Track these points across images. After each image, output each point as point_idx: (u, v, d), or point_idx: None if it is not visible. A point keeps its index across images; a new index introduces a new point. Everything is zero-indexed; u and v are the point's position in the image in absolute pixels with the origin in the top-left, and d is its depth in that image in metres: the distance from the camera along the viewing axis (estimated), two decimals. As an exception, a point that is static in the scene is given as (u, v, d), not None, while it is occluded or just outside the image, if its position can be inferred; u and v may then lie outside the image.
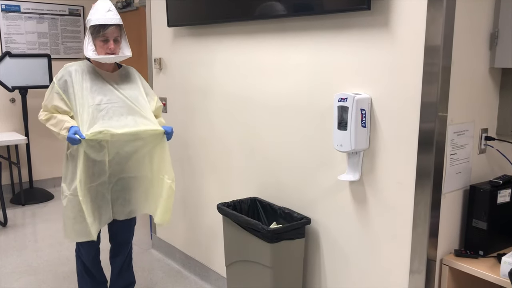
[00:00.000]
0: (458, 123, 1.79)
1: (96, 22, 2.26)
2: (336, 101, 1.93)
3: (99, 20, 2.26)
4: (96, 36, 2.29)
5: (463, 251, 1.84)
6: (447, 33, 1.67)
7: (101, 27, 2.27)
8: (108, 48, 2.31)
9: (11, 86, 4.61)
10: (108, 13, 2.28)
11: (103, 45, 2.30)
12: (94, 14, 2.29)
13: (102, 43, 2.30)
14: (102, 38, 2.29)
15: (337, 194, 2.12)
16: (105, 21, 2.27)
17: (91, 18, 2.30)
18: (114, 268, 2.74)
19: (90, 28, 2.30)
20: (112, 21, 2.29)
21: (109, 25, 2.28)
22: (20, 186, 4.73)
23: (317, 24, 2.11)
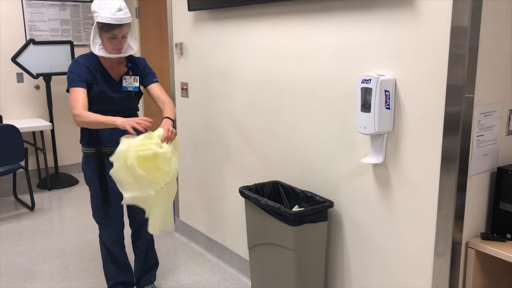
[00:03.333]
0: (485, 104, 1.75)
1: (105, 21, 2.21)
2: (359, 82, 1.91)
3: (108, 19, 2.21)
4: (104, 32, 2.25)
5: (489, 234, 1.81)
6: (474, 11, 1.63)
7: (110, 26, 2.23)
8: (116, 45, 2.29)
9: (35, 73, 4.68)
10: (118, 13, 2.23)
11: (111, 42, 2.28)
12: (102, 10, 2.22)
13: (109, 40, 2.27)
14: (110, 36, 2.26)
15: (360, 177, 2.10)
16: (115, 21, 2.22)
17: (99, 14, 2.22)
18: (138, 252, 2.77)
19: (98, 23, 2.25)
20: (122, 21, 2.25)
21: (121, 25, 2.25)
22: (46, 171, 4.83)
23: (340, 4, 2.07)
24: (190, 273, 3.06)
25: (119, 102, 2.43)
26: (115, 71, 2.42)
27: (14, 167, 4.05)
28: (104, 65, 2.39)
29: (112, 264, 2.65)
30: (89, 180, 2.50)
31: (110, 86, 2.39)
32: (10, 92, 4.89)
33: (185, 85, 3.29)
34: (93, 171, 2.46)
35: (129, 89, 2.45)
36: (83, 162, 2.53)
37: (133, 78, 2.45)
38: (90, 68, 2.33)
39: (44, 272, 3.09)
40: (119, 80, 2.43)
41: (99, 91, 2.35)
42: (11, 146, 3.90)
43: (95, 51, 2.28)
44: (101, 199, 2.47)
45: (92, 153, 2.45)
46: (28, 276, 3.04)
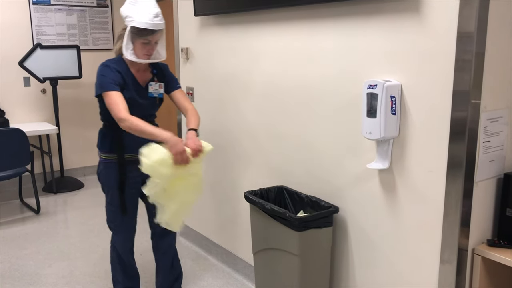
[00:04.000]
0: (492, 110, 1.75)
1: (141, 26, 2.17)
2: (365, 88, 1.90)
3: (145, 24, 2.17)
4: (138, 37, 2.22)
5: (496, 241, 1.80)
6: (481, 17, 1.62)
7: (146, 31, 2.20)
8: (148, 51, 2.27)
9: (42, 77, 4.71)
10: (155, 19, 2.20)
11: (144, 47, 2.25)
12: (139, 15, 2.18)
13: (143, 45, 2.24)
14: (145, 41, 2.23)
15: (365, 182, 2.10)
16: (152, 26, 2.19)
17: (133, 19, 2.18)
18: (163, 262, 2.66)
19: (132, 28, 2.20)
20: (159, 26, 2.23)
21: (156, 31, 2.23)
22: (52, 175, 4.85)
23: (346, 10, 2.08)
24: (195, 277, 3.06)
25: (144, 108, 2.39)
26: (141, 77, 2.38)
27: (20, 170, 4.07)
28: (132, 70, 2.35)
29: (121, 270, 2.61)
30: (107, 187, 2.44)
31: (138, 92, 2.35)
32: (17, 96, 4.93)
33: (191, 90, 3.29)
34: (113, 178, 2.39)
35: (154, 96, 2.41)
36: (101, 169, 2.44)
37: (158, 85, 2.41)
38: (121, 73, 2.28)
39: (49, 275, 3.09)
40: (145, 86, 2.39)
41: (129, 96, 2.29)
42: (18, 150, 3.92)
43: (128, 56, 2.24)
44: (119, 206, 2.43)
45: (113, 159, 2.37)
46: (33, 279, 3.04)
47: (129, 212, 2.47)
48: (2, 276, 3.08)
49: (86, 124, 5.42)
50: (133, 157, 2.34)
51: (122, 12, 2.25)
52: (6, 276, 3.08)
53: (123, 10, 2.25)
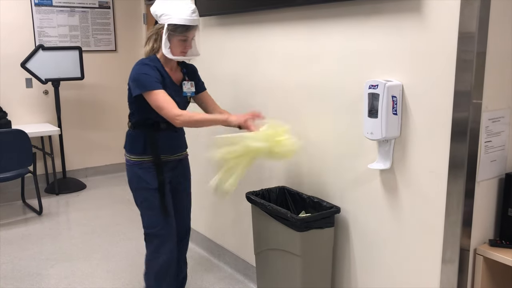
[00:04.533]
0: (493, 109, 1.75)
1: (181, 22, 2.15)
2: (366, 88, 1.91)
3: (184, 20, 2.16)
4: (177, 34, 2.19)
5: (498, 241, 1.80)
6: (482, 17, 1.62)
7: (185, 28, 2.18)
8: (185, 48, 2.24)
9: (44, 79, 4.72)
10: (193, 14, 2.19)
11: (181, 44, 2.22)
12: (177, 12, 2.16)
13: (180, 42, 2.21)
14: (183, 38, 2.20)
15: (367, 182, 2.10)
16: (191, 22, 2.18)
17: (171, 16, 2.16)
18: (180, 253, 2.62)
19: (170, 26, 2.17)
20: (197, 22, 2.22)
21: (193, 27, 2.21)
22: (54, 176, 4.86)
23: (347, 10, 2.08)
24: (197, 278, 3.06)
25: (180, 106, 2.31)
26: (174, 76, 2.35)
27: (23, 171, 4.07)
28: (166, 69, 2.31)
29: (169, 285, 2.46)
30: (144, 190, 2.35)
31: (175, 91, 2.31)
32: (19, 97, 4.94)
33: (192, 91, 3.30)
34: (151, 180, 2.32)
35: (188, 95, 2.40)
36: (135, 171, 2.34)
37: (190, 83, 2.40)
38: (160, 72, 2.24)
39: (52, 276, 3.10)
40: (179, 85, 2.37)
41: (169, 94, 2.22)
42: (20, 151, 3.93)
43: (167, 54, 2.20)
44: (159, 208, 2.34)
45: (149, 160, 2.32)
46: (35, 280, 3.05)
47: (170, 213, 2.40)
48: (5, 276, 3.09)
49: (88, 125, 5.43)
50: (168, 159, 2.38)
51: (156, 11, 2.21)
52: (9, 276, 3.09)
53: (156, 8, 2.21)
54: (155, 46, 2.30)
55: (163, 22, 2.19)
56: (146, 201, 2.36)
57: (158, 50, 2.30)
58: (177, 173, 2.48)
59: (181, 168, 2.51)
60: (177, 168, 2.48)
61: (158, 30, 2.26)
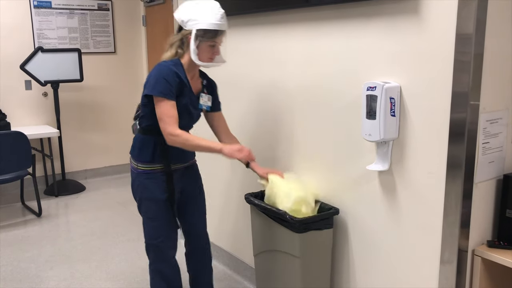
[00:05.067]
0: (491, 111, 1.75)
1: (211, 27, 2.08)
2: (364, 89, 1.91)
3: (214, 25, 2.09)
4: (206, 40, 2.11)
5: (496, 242, 1.80)
6: (479, 18, 1.63)
7: (214, 33, 2.11)
8: (213, 54, 2.18)
9: (43, 81, 4.73)
10: (222, 19, 2.12)
11: (209, 50, 2.15)
12: (205, 17, 2.09)
13: (209, 48, 2.14)
14: (212, 43, 2.14)
15: (365, 184, 2.10)
16: (221, 27, 2.12)
17: (198, 21, 2.09)
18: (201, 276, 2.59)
19: (199, 31, 2.09)
20: (225, 27, 2.16)
21: (222, 32, 2.15)
22: (53, 178, 4.86)
23: (345, 12, 2.08)
24: (196, 280, 3.06)
25: (193, 118, 2.30)
26: (194, 85, 2.27)
27: (22, 173, 4.08)
28: (188, 77, 2.22)
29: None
30: (149, 200, 2.26)
31: (192, 100, 2.24)
32: (18, 99, 4.94)
33: (191, 92, 3.30)
34: (159, 190, 2.24)
35: (203, 107, 2.32)
36: (141, 180, 2.26)
37: (207, 97, 2.33)
38: (181, 78, 2.15)
39: (51, 278, 3.10)
40: (197, 95, 2.29)
41: (184, 103, 2.18)
42: (19, 153, 3.93)
43: (196, 61, 2.13)
44: (163, 220, 2.28)
45: (158, 169, 2.23)
46: (34, 282, 3.05)
47: (173, 226, 2.34)
48: (4, 279, 3.09)
49: (88, 127, 5.43)
50: (178, 167, 2.30)
51: (182, 17, 2.14)
52: (8, 279, 3.09)
53: (182, 14, 2.15)
54: (178, 52, 2.20)
55: (190, 28, 2.11)
56: (151, 212, 2.28)
57: (182, 57, 2.21)
58: (187, 179, 2.40)
59: (189, 175, 2.41)
60: (186, 175, 2.38)
61: (183, 36, 2.17)
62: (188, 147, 2.13)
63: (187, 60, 2.18)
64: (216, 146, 2.14)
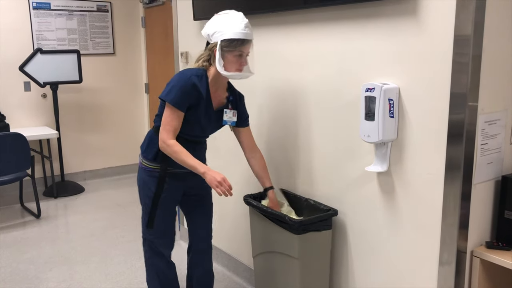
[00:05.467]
0: (490, 112, 1.76)
1: (236, 36, 2.07)
2: (363, 91, 1.91)
3: (239, 34, 2.07)
4: (231, 50, 2.09)
5: (494, 243, 1.80)
6: (477, 20, 1.63)
7: (239, 42, 2.08)
8: (241, 64, 2.14)
9: (42, 82, 4.72)
10: (246, 29, 2.10)
11: (236, 60, 2.12)
12: (229, 27, 2.08)
13: (236, 58, 2.11)
14: (238, 53, 2.11)
15: (364, 185, 2.11)
16: (246, 36, 2.09)
17: (223, 32, 2.08)
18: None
19: (223, 41, 2.08)
20: (250, 36, 2.12)
21: (248, 40, 2.12)
22: (52, 179, 4.86)
23: (344, 14, 2.09)
24: (195, 281, 3.06)
25: (205, 130, 2.29)
26: (216, 100, 2.26)
27: (21, 175, 4.08)
28: (211, 90, 2.22)
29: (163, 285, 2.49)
30: (147, 197, 2.32)
31: (207, 114, 2.23)
32: (17, 101, 4.94)
33: (190, 94, 3.30)
34: (153, 188, 2.30)
35: (227, 123, 2.32)
36: (144, 176, 2.32)
37: (232, 112, 2.31)
38: (199, 91, 2.15)
39: (50, 279, 3.10)
40: (216, 110, 2.27)
41: (195, 117, 2.19)
42: (18, 154, 3.93)
43: (221, 71, 2.11)
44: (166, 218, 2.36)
45: (156, 169, 2.28)
46: (33, 283, 3.05)
47: (168, 222, 2.39)
48: (3, 280, 3.09)
49: (87, 129, 5.43)
50: (177, 171, 2.29)
51: (208, 31, 2.15)
52: (7, 280, 3.09)
53: (207, 29, 2.16)
54: (205, 65, 2.21)
55: (216, 40, 2.11)
56: (148, 208, 2.34)
57: (208, 69, 2.21)
58: (191, 183, 2.38)
59: (196, 178, 2.30)
60: (191, 178, 2.33)
61: (210, 50, 2.18)
62: (175, 159, 2.14)
63: (213, 72, 2.18)
64: (201, 168, 2.09)
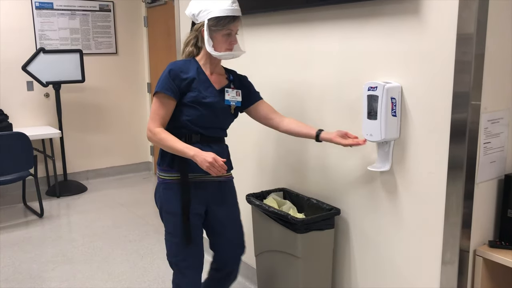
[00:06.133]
0: (492, 111, 1.75)
1: (223, 14, 1.94)
2: (365, 90, 1.91)
3: (226, 11, 1.94)
4: (219, 29, 1.97)
5: (497, 242, 1.80)
6: (480, 19, 1.63)
7: (227, 20, 1.95)
8: (231, 43, 2.01)
9: (45, 81, 4.73)
10: (234, 5, 1.98)
11: (226, 40, 1.99)
12: (216, 5, 1.95)
13: (224, 37, 1.99)
14: (227, 32, 1.98)
15: (367, 184, 2.10)
16: (233, 12, 1.96)
17: (210, 10, 1.95)
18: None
19: (210, 20, 1.96)
20: (238, 13, 1.99)
21: (236, 17, 1.99)
22: (55, 178, 4.87)
23: (346, 13, 2.08)
24: (197, 280, 3.06)
25: (218, 115, 2.06)
26: (216, 81, 2.10)
27: (24, 174, 4.08)
28: (206, 73, 2.08)
29: None
30: (168, 214, 2.07)
31: (211, 93, 2.04)
32: (20, 100, 4.95)
33: (193, 93, 3.30)
34: (175, 203, 2.04)
35: (231, 103, 2.10)
36: (160, 191, 2.09)
37: (235, 92, 2.13)
38: (189, 71, 2.02)
39: (52, 279, 3.10)
40: (219, 89, 2.09)
41: (197, 98, 2.00)
42: (21, 154, 3.94)
43: (212, 52, 1.99)
44: (182, 236, 2.06)
45: (175, 179, 2.04)
46: (36, 283, 3.05)
47: (196, 244, 2.11)
48: (6, 279, 3.10)
49: (89, 128, 5.44)
50: (197, 178, 2.06)
51: (192, 10, 2.03)
52: (10, 279, 3.10)
53: (192, 8, 2.03)
54: (191, 50, 2.09)
55: (202, 19, 1.99)
56: (170, 226, 2.09)
57: (196, 54, 2.09)
58: (216, 199, 2.14)
59: (221, 193, 2.16)
60: (217, 193, 2.14)
61: (197, 31, 2.05)
62: (163, 147, 1.97)
63: (203, 55, 2.06)
64: (190, 151, 1.90)
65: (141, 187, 5.23)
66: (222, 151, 2.12)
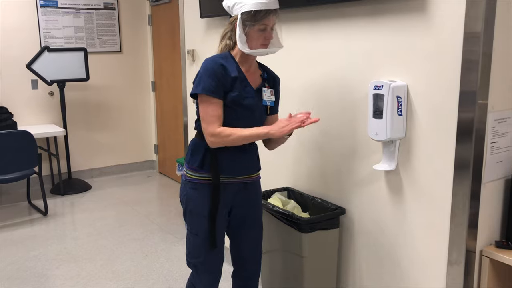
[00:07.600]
0: (500, 110, 1.73)
1: (257, 7, 1.81)
2: (371, 88, 1.90)
3: (261, 5, 1.82)
4: (253, 24, 1.85)
5: (504, 243, 1.78)
6: (488, 17, 1.61)
7: (262, 13, 1.83)
8: (266, 39, 1.89)
9: (49, 80, 4.74)
10: None
11: (260, 35, 1.87)
12: None
13: (259, 32, 1.87)
14: (261, 27, 1.86)
15: (372, 184, 2.09)
16: (269, 6, 1.83)
17: (244, 3, 1.84)
18: None
19: (244, 14, 1.84)
20: (275, 5, 1.87)
21: (272, 11, 1.85)
22: (59, 177, 4.88)
23: (351, 10, 2.07)
24: (201, 279, 3.06)
25: (254, 114, 1.97)
26: (251, 79, 1.99)
27: (28, 172, 4.09)
28: (242, 69, 1.97)
29: None
30: (194, 214, 2.00)
31: (249, 94, 1.94)
32: (24, 99, 4.96)
33: (197, 92, 3.29)
34: (204, 203, 1.96)
35: (267, 104, 2.01)
36: (187, 190, 2.01)
37: (270, 91, 2.02)
38: (229, 71, 1.90)
39: (57, 277, 3.11)
40: (256, 89, 1.99)
41: (234, 97, 1.90)
42: (25, 152, 3.95)
43: (244, 49, 1.88)
44: (207, 239, 1.99)
45: (205, 180, 1.96)
46: (40, 281, 3.06)
47: (218, 248, 2.04)
48: (10, 277, 3.10)
49: (94, 127, 5.45)
50: (225, 180, 1.98)
51: (228, 2, 1.93)
52: (14, 277, 3.10)
53: (227, 0, 1.94)
54: (228, 44, 1.97)
55: (236, 13, 1.88)
56: (193, 226, 2.02)
57: (232, 48, 1.97)
58: (240, 200, 2.06)
59: (246, 194, 2.07)
60: (241, 193, 2.06)
61: (232, 23, 1.94)
62: (234, 142, 1.87)
63: (238, 51, 1.94)
64: (263, 130, 1.85)
65: (145, 186, 5.24)
66: (252, 150, 2.07)
